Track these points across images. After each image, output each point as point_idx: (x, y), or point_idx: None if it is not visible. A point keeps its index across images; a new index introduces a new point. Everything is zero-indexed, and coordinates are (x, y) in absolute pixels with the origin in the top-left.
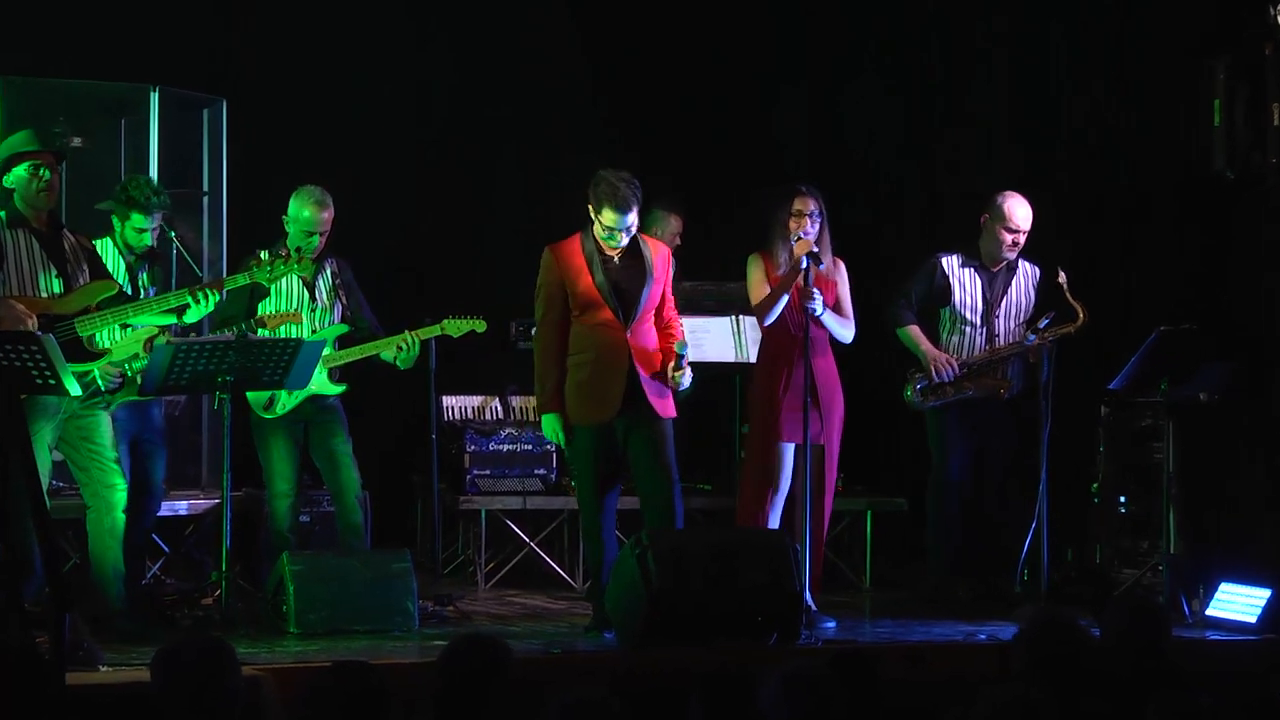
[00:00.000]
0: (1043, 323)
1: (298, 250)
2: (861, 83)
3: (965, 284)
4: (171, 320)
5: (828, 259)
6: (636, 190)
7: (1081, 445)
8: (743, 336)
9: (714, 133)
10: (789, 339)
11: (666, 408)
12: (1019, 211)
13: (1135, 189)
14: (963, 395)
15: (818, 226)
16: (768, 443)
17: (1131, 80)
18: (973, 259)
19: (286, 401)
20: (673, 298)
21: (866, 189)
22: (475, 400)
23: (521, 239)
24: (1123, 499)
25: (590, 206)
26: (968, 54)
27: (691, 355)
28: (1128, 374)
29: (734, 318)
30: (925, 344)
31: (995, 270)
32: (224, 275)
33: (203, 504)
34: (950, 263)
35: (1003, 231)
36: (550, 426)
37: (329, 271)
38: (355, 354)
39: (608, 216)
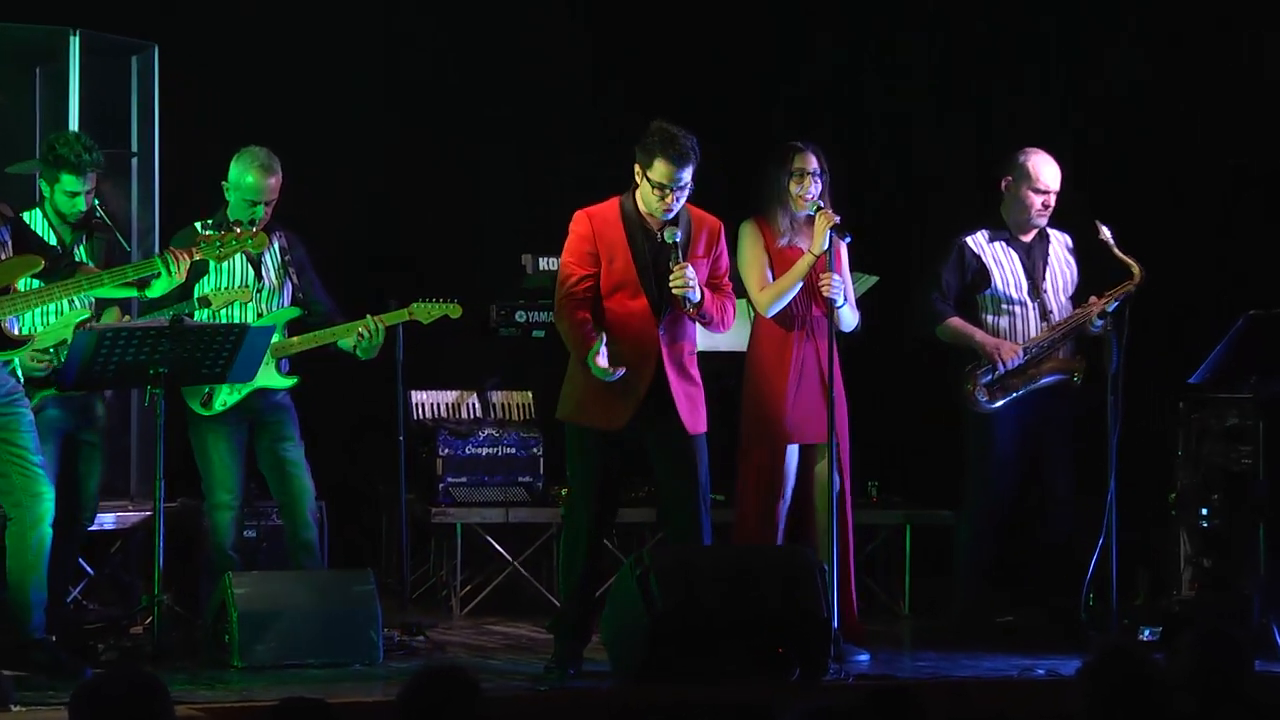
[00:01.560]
0: (1113, 305)
1: (250, 223)
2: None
3: (1000, 260)
4: (131, 294)
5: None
6: (696, 147)
7: (1156, 449)
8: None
9: (714, 101)
10: (790, 319)
11: (697, 421)
12: (1046, 169)
13: (1224, 159)
14: (1033, 386)
15: (820, 186)
16: (773, 444)
17: (1209, 43)
18: (1000, 231)
19: (228, 397)
20: (729, 282)
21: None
22: (449, 396)
23: (503, 214)
24: (1204, 511)
25: (638, 165)
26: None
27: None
28: (1211, 365)
29: (748, 303)
30: (978, 333)
31: (1028, 240)
32: (156, 249)
33: (132, 517)
34: (977, 241)
35: (1030, 194)
36: (599, 364)
37: (277, 247)
38: (309, 342)
39: (659, 170)
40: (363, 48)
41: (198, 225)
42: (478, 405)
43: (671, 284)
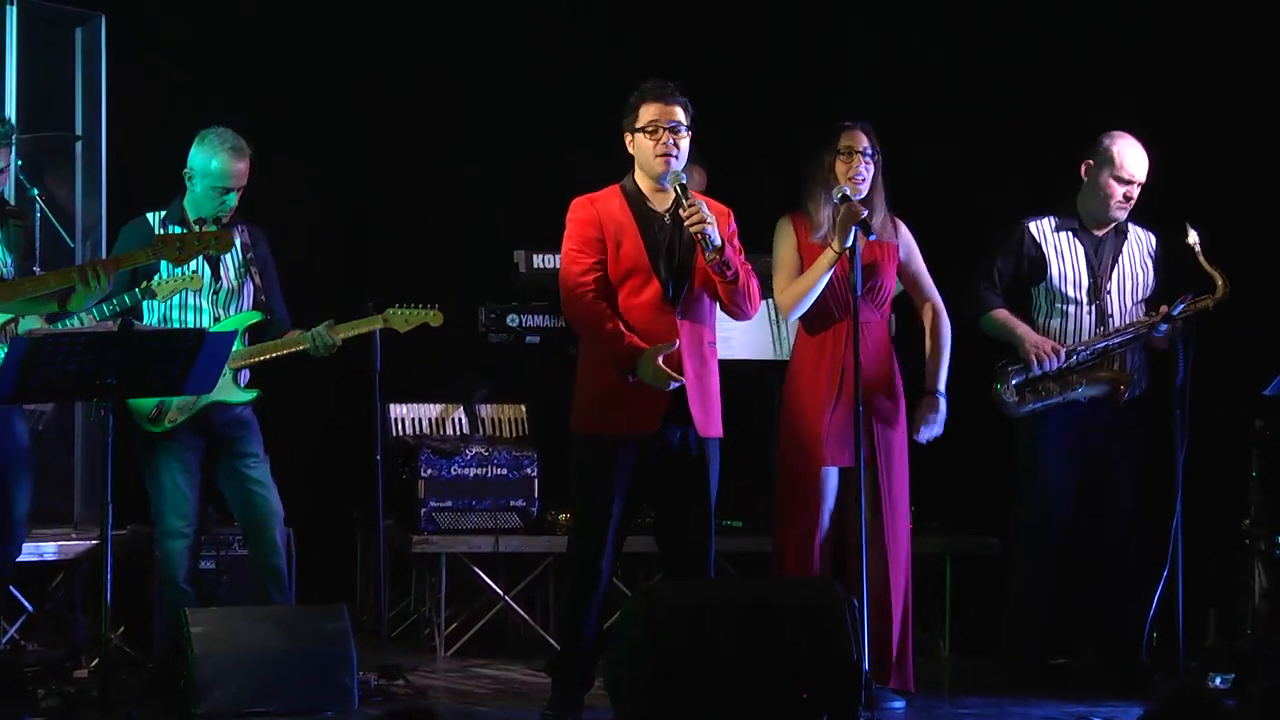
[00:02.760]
0: (1178, 307)
1: (216, 220)
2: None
3: (1063, 252)
4: (50, 308)
5: (881, 218)
6: (682, 93)
7: (1227, 470)
8: (783, 327)
9: (753, 74)
10: (830, 324)
11: (710, 422)
12: (1132, 156)
13: None
14: (1071, 394)
15: (872, 170)
16: (808, 466)
17: None
18: (1070, 220)
19: (178, 413)
20: (747, 264)
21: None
22: (433, 410)
23: (492, 204)
24: None
25: (627, 134)
26: None
27: (721, 352)
28: None
29: (770, 303)
30: (1020, 326)
31: (1101, 234)
32: (104, 245)
33: (76, 546)
34: (1041, 228)
35: (1111, 182)
36: (653, 372)
37: (237, 243)
38: (271, 350)
39: (648, 111)
40: (334, 18)
41: (150, 216)
42: (464, 420)
43: (686, 221)
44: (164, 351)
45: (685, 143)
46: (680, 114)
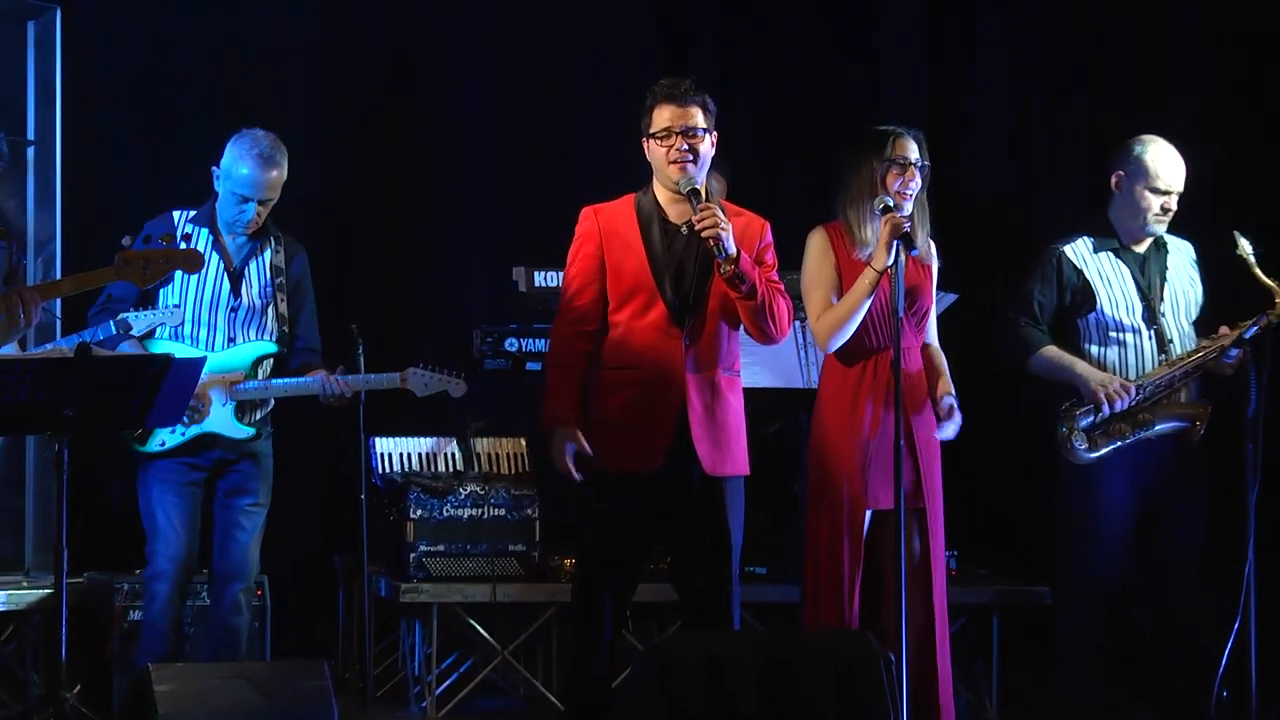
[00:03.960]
0: (1251, 329)
1: (185, 238)
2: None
3: (1108, 276)
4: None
5: (924, 236)
6: (703, 91)
7: None
8: (811, 351)
9: (784, 66)
10: (868, 350)
11: (722, 460)
12: (1168, 163)
13: None
14: (1144, 434)
15: (921, 182)
16: (843, 508)
17: None
18: (1107, 239)
19: (168, 435)
20: (779, 282)
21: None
22: (423, 444)
23: (490, 217)
24: None
25: (643, 140)
26: None
27: (746, 380)
28: None
29: (799, 326)
30: (1079, 364)
31: (1142, 250)
32: (59, 261)
33: (27, 596)
34: (1079, 252)
35: (1146, 194)
36: (559, 448)
37: (266, 257)
38: (283, 391)
39: (662, 115)
40: (320, 15)
41: (176, 215)
42: (458, 455)
43: (698, 225)
44: (125, 380)
45: (705, 146)
46: (698, 116)
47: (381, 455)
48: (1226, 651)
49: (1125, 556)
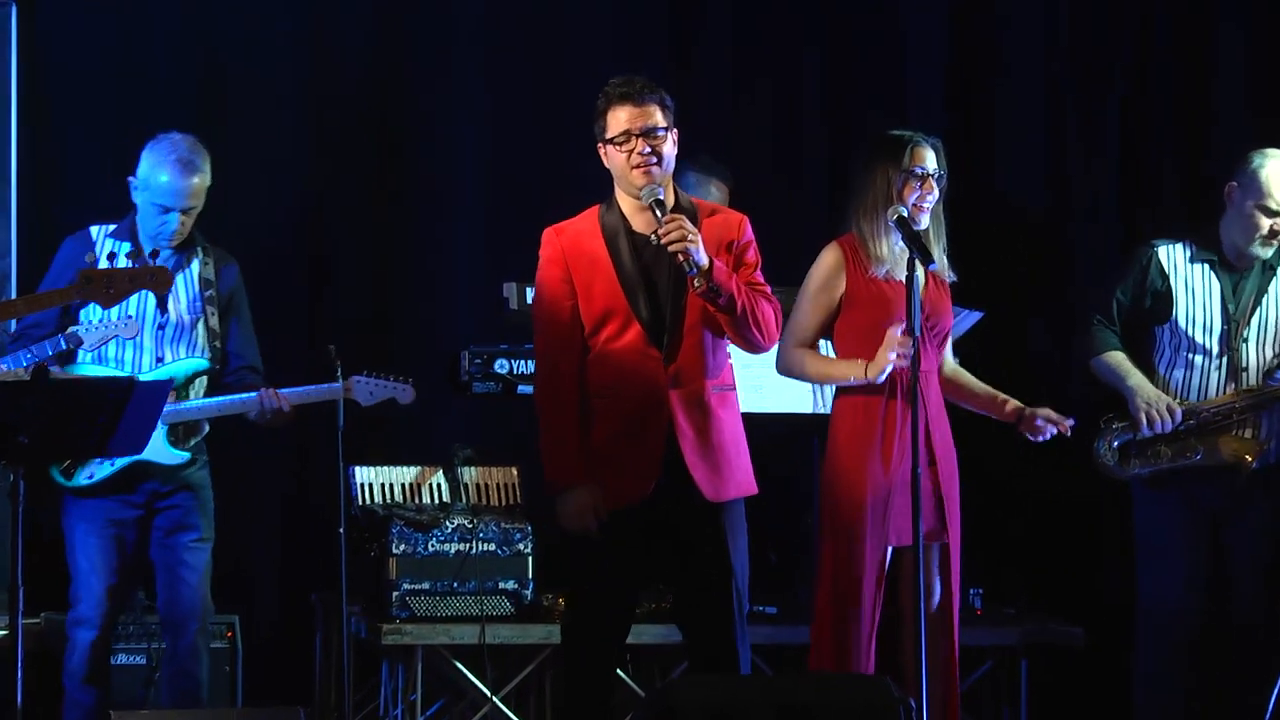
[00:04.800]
0: None
1: (154, 255)
2: None
3: (1194, 288)
4: None
5: (940, 250)
6: (659, 88)
7: None
8: None
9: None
10: (890, 376)
11: (724, 483)
12: None
13: None
14: (1185, 462)
15: (936, 198)
16: (859, 544)
17: None
18: (1208, 251)
19: (96, 467)
20: (763, 282)
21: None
22: (407, 474)
23: (476, 227)
24: None
25: (600, 145)
26: None
27: (750, 404)
28: None
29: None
30: (1134, 376)
31: (1244, 271)
32: (13, 279)
33: None
34: (1172, 256)
35: (1256, 212)
36: (576, 508)
37: (194, 270)
38: (217, 410)
39: (619, 117)
40: (298, 16)
41: (94, 230)
42: (444, 486)
43: (664, 239)
44: (85, 404)
45: (668, 147)
46: (658, 114)
47: (361, 485)
48: (1270, 703)
49: (1198, 601)
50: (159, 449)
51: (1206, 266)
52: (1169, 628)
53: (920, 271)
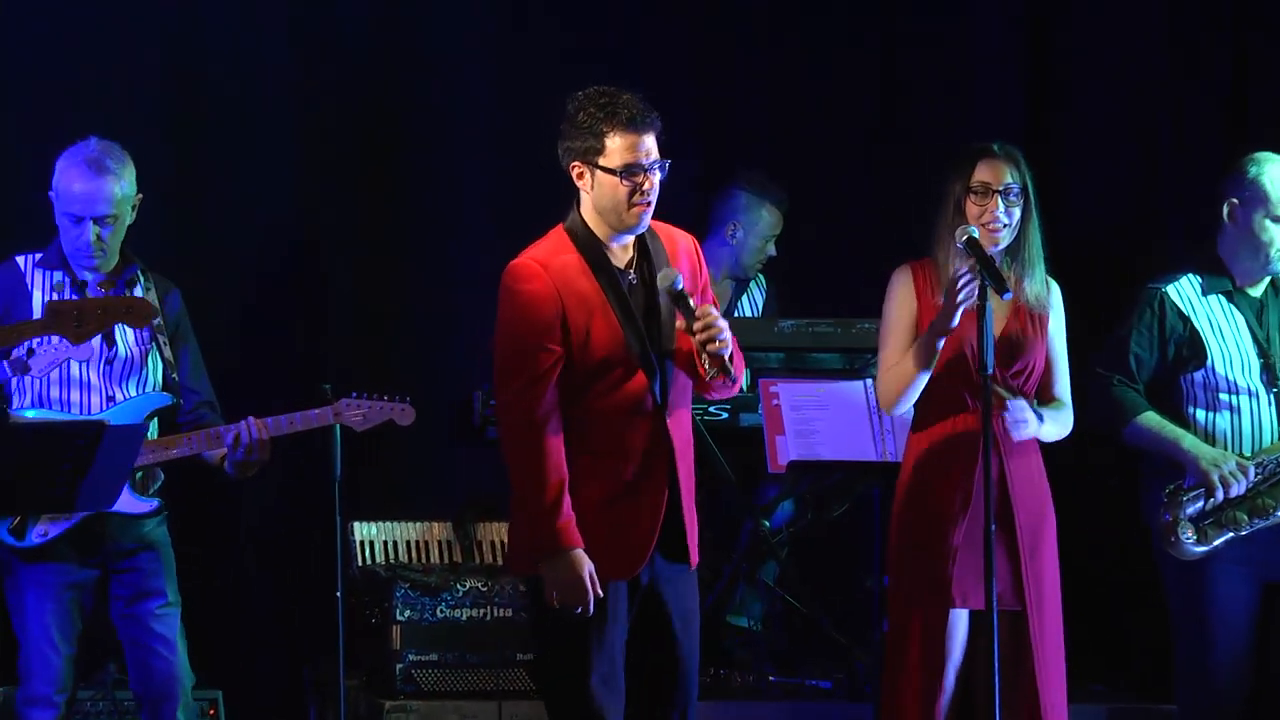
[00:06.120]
0: None
1: (81, 286)
2: None
3: (1220, 326)
4: None
5: (1031, 279)
6: (654, 111)
7: None
8: (885, 417)
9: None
10: (962, 415)
11: (695, 549)
12: None
13: None
14: (1266, 522)
15: (1017, 216)
16: (929, 609)
17: None
18: (1217, 278)
19: (49, 524)
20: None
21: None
22: (412, 530)
23: (488, 255)
24: None
25: (577, 163)
26: None
27: (801, 450)
28: None
29: (868, 385)
30: (1188, 439)
31: (1258, 293)
32: None
33: None
34: (1184, 293)
35: (1267, 224)
36: (574, 575)
37: (138, 295)
38: (188, 448)
39: (620, 144)
40: (290, 23)
41: (20, 260)
42: (454, 544)
43: (700, 338)
44: (47, 452)
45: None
46: (654, 145)
47: (361, 543)
48: None
49: (1247, 666)
50: (123, 498)
51: (1223, 298)
52: (1221, 691)
53: (994, 300)
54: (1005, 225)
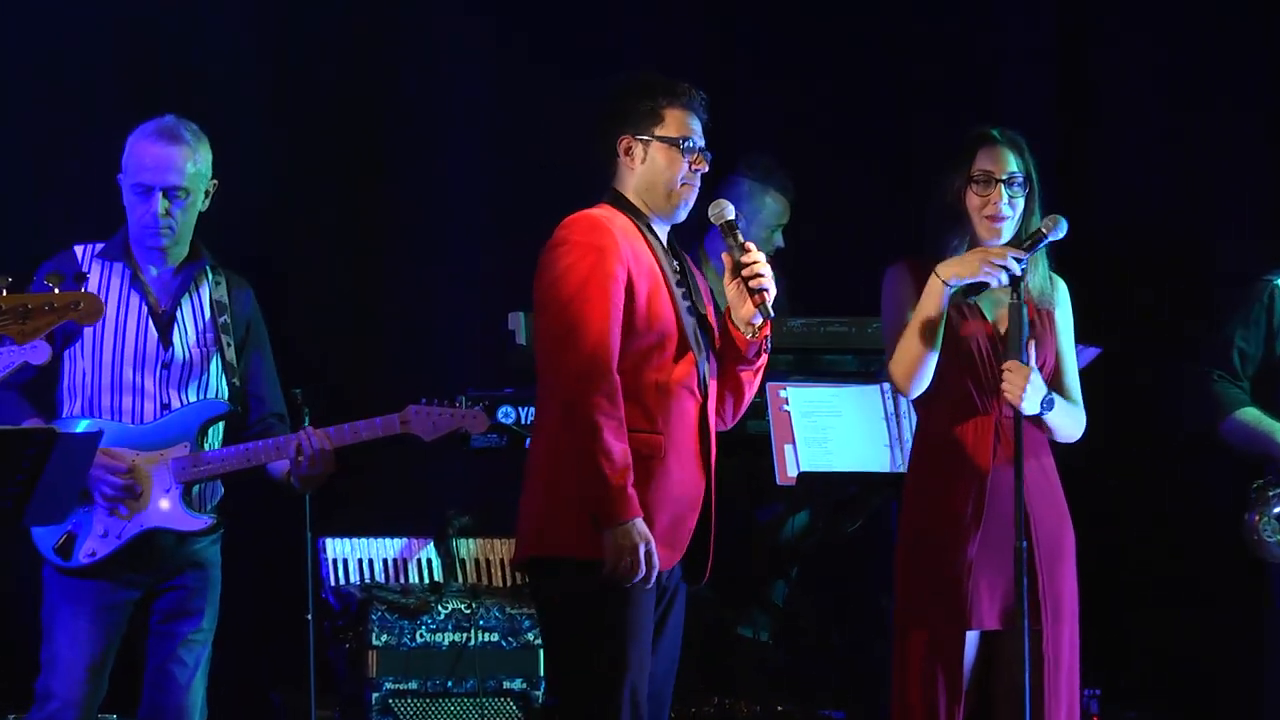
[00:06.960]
0: None
1: (78, 278)
2: None
3: None
4: None
5: (1034, 273)
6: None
7: None
8: (907, 424)
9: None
10: (973, 419)
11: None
12: None
13: None
14: None
15: (1020, 206)
16: (941, 629)
17: None
18: None
19: (98, 544)
20: None
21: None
22: (390, 547)
23: (474, 249)
24: None
25: (628, 139)
26: None
27: (813, 461)
28: None
29: (885, 389)
30: None
31: None
32: None
33: None
34: None
35: None
36: (633, 542)
37: (204, 292)
38: (246, 460)
39: (677, 120)
40: (272, 10)
41: (78, 250)
42: (436, 562)
43: (747, 273)
44: None
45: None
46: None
47: (334, 561)
48: None
49: None
50: (177, 514)
51: None
52: None
53: (998, 294)
54: (1008, 217)
